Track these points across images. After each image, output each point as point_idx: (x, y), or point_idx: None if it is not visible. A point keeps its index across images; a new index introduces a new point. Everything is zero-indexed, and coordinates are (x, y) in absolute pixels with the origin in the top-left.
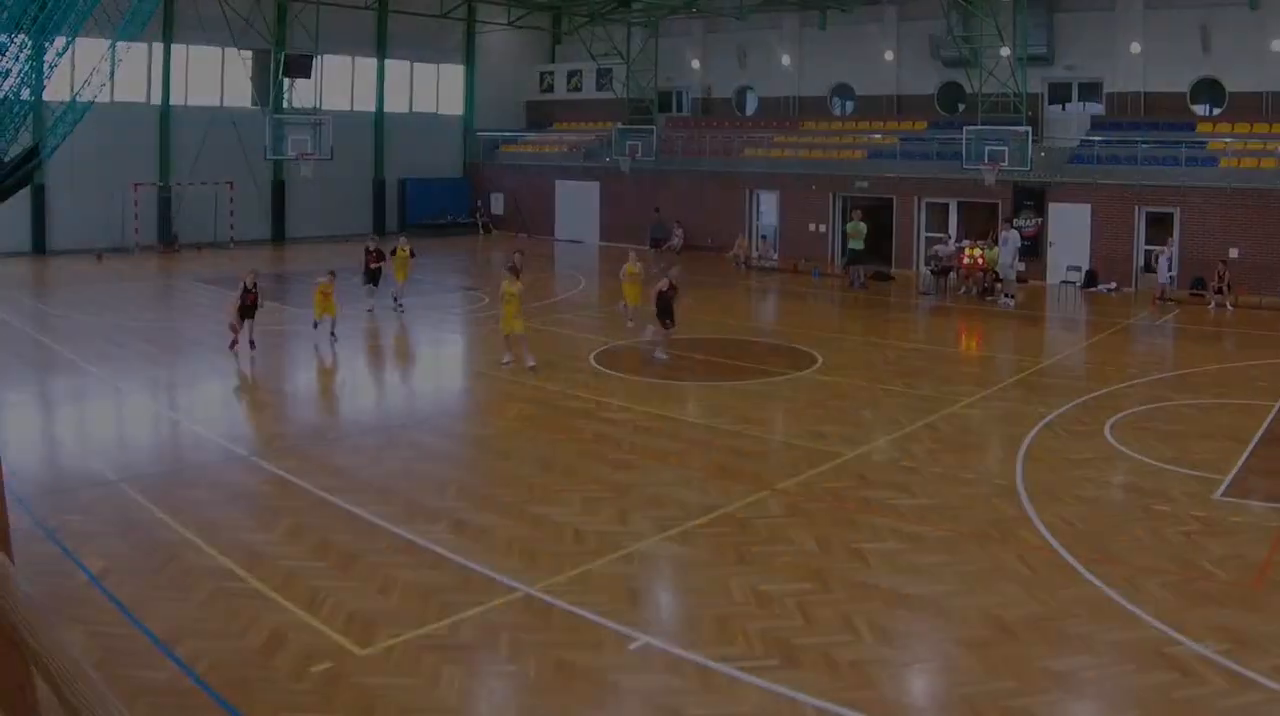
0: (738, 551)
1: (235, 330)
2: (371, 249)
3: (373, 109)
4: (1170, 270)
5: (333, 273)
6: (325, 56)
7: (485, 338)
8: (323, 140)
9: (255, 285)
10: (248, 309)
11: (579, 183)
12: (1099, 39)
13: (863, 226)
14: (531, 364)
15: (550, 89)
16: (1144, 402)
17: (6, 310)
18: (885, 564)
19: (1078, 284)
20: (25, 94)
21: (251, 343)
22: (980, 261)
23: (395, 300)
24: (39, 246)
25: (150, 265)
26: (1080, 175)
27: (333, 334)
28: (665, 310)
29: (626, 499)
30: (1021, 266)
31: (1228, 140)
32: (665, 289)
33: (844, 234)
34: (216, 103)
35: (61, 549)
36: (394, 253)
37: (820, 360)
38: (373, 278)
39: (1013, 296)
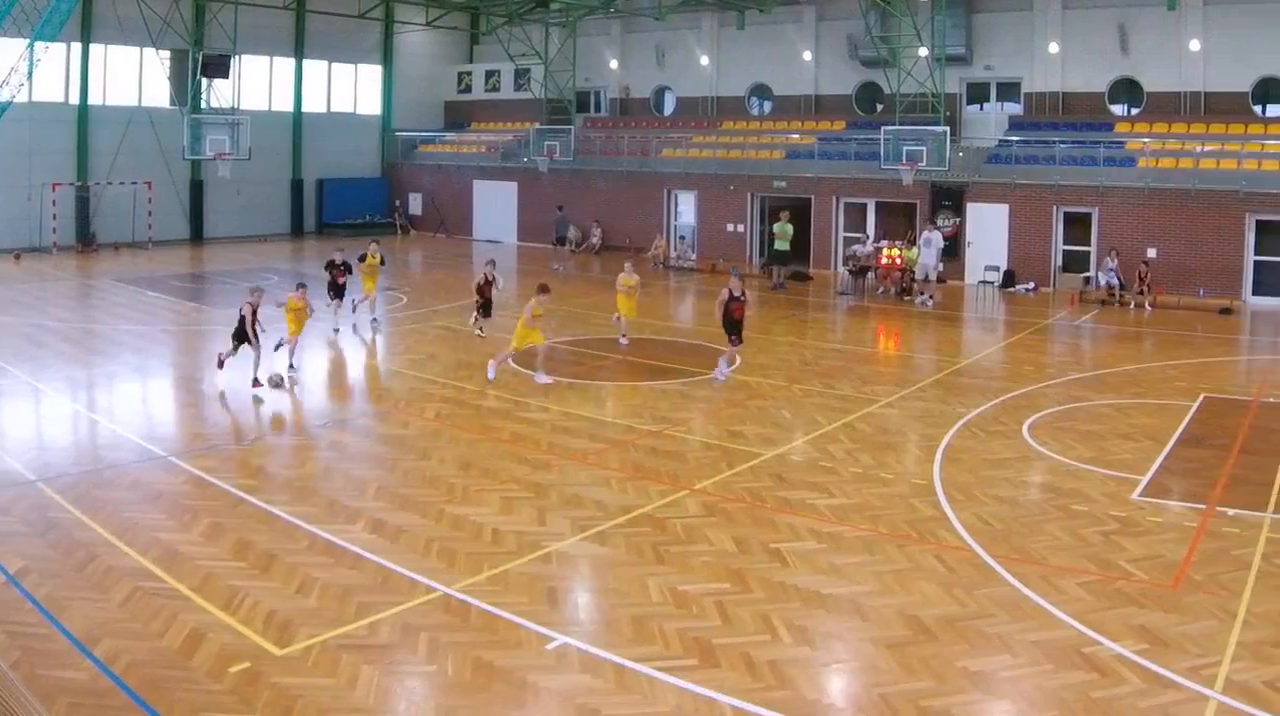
0: (656, 551)
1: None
2: (338, 262)
3: (291, 109)
4: (1106, 276)
5: (303, 285)
6: (243, 57)
7: (404, 337)
8: (241, 140)
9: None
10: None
11: (497, 183)
12: (1017, 39)
13: (789, 228)
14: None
15: (468, 89)
16: (1062, 403)
17: None
18: (803, 564)
19: (996, 284)
20: None
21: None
22: (898, 261)
23: (372, 318)
24: None
25: (69, 265)
26: (998, 175)
27: (291, 366)
28: (732, 325)
29: (545, 499)
30: (941, 267)
31: (1146, 140)
32: (730, 298)
33: (769, 234)
34: (135, 103)
35: None
36: (362, 259)
37: (738, 360)
38: (338, 292)
39: (932, 296)
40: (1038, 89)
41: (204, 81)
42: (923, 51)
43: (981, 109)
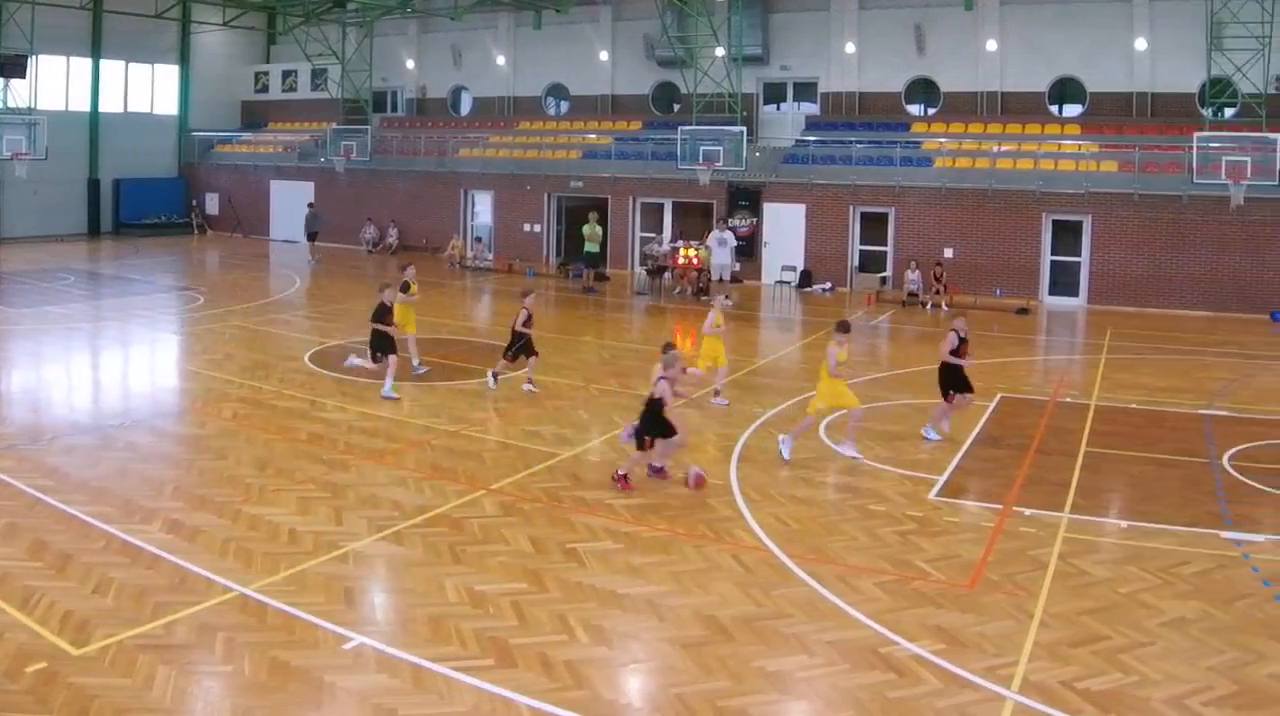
0: (453, 551)
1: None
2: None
3: (88, 109)
4: (908, 287)
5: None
6: (40, 56)
7: (201, 337)
8: (37, 140)
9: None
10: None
11: (294, 183)
12: (814, 39)
13: (599, 229)
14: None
15: (265, 89)
16: (859, 403)
17: None
18: (600, 564)
19: (793, 284)
20: None
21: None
22: (695, 261)
23: (416, 366)
24: None
25: None
26: (795, 175)
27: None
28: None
29: (342, 499)
30: (736, 266)
31: (942, 140)
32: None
33: (580, 235)
34: None
35: None
36: (406, 289)
37: (535, 360)
38: (387, 346)
39: (728, 296)
40: (834, 89)
41: (1, 82)
42: (719, 51)
43: (778, 109)
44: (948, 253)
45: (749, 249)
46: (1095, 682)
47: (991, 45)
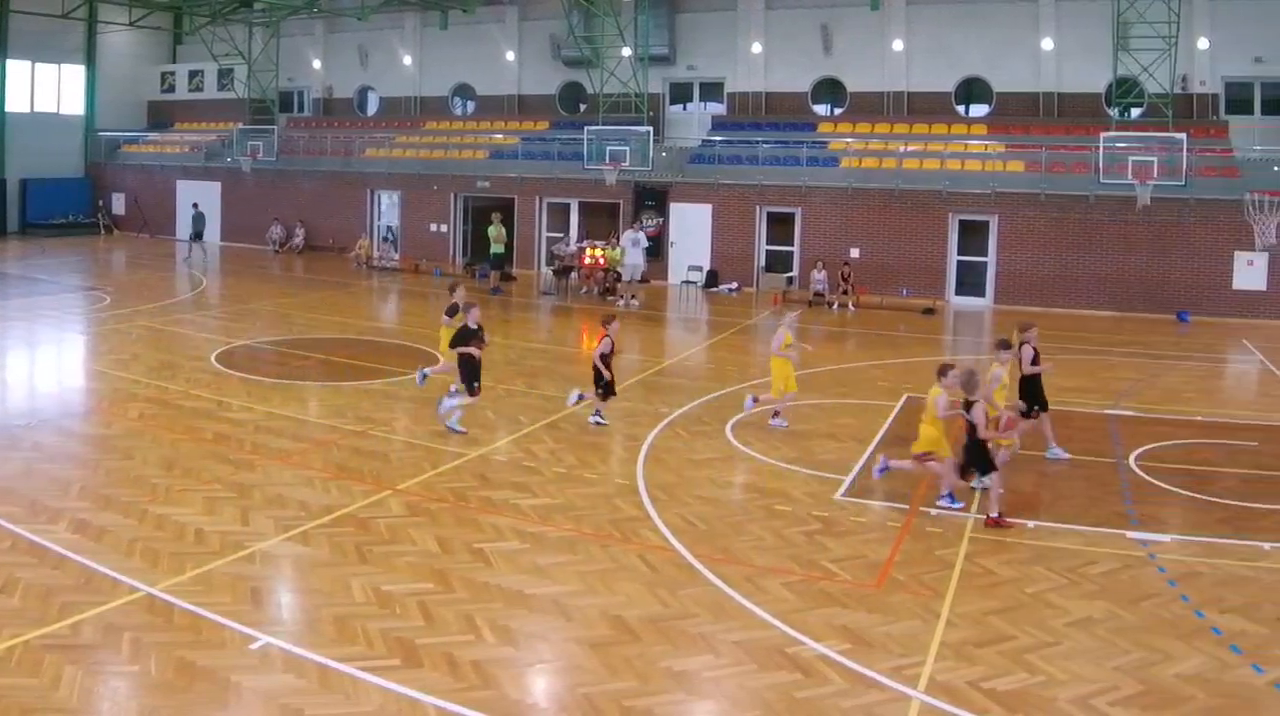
0: (359, 551)
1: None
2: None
3: None
4: (815, 287)
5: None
6: None
7: (108, 337)
8: None
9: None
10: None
11: (200, 183)
12: (720, 39)
13: (503, 229)
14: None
15: (172, 89)
16: (765, 404)
17: None
18: (507, 564)
19: (699, 284)
20: None
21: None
22: (601, 261)
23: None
24: None
25: None
26: (701, 175)
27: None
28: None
29: (248, 499)
30: (644, 266)
31: (848, 140)
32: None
33: (485, 237)
34: None
35: None
36: (454, 314)
37: (442, 360)
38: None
39: (635, 296)
40: (741, 89)
41: None
42: (626, 51)
43: (685, 109)
44: (854, 252)
45: (655, 249)
46: (1001, 682)
47: (898, 45)
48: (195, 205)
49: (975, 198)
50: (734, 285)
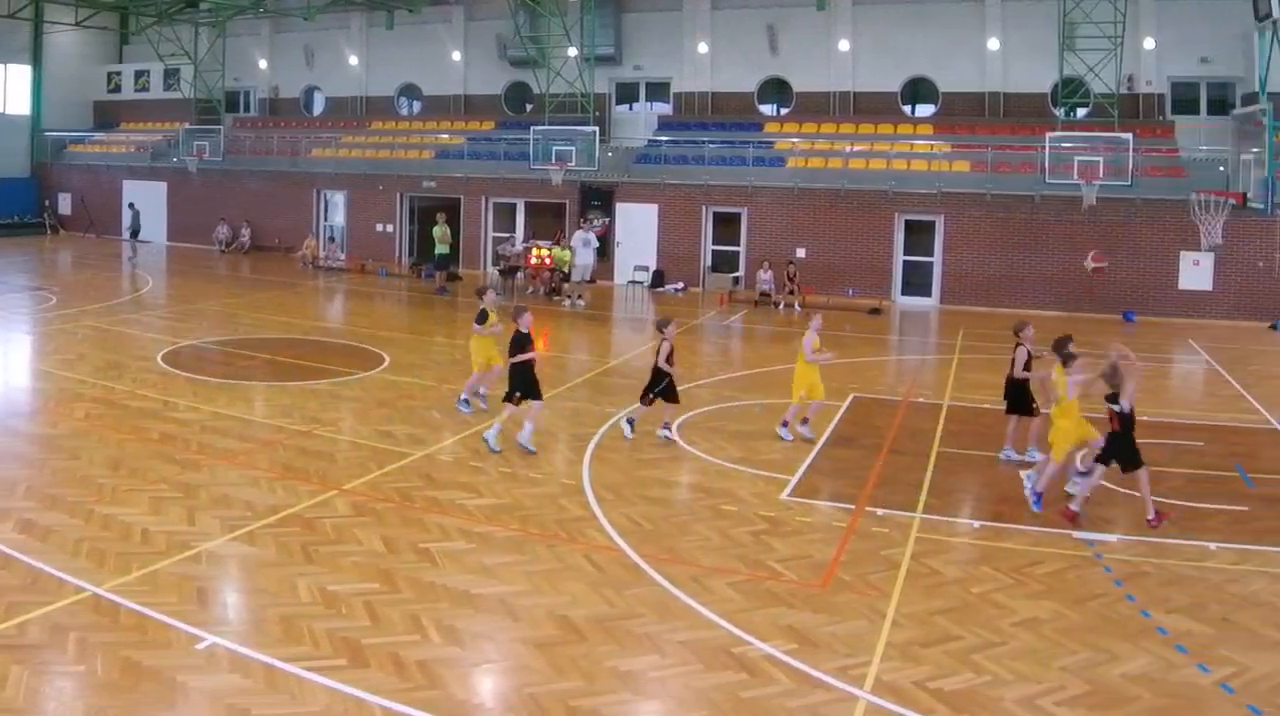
0: (305, 551)
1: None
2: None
3: None
4: (760, 286)
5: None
6: None
7: (54, 337)
8: None
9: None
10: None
11: (147, 183)
12: (666, 39)
13: (448, 230)
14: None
15: (118, 89)
16: (712, 403)
17: None
18: (453, 564)
19: (645, 284)
20: None
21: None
22: (547, 261)
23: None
24: None
25: None
26: (647, 175)
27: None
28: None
29: (194, 499)
30: (595, 267)
31: (795, 140)
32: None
33: (430, 237)
34: None
35: None
36: (483, 320)
37: (388, 360)
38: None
39: (581, 296)
40: (687, 89)
41: None
42: (572, 51)
43: (631, 109)
44: (800, 253)
45: (602, 249)
46: (948, 682)
47: (844, 45)
48: (131, 205)
49: (921, 198)
50: (680, 285)
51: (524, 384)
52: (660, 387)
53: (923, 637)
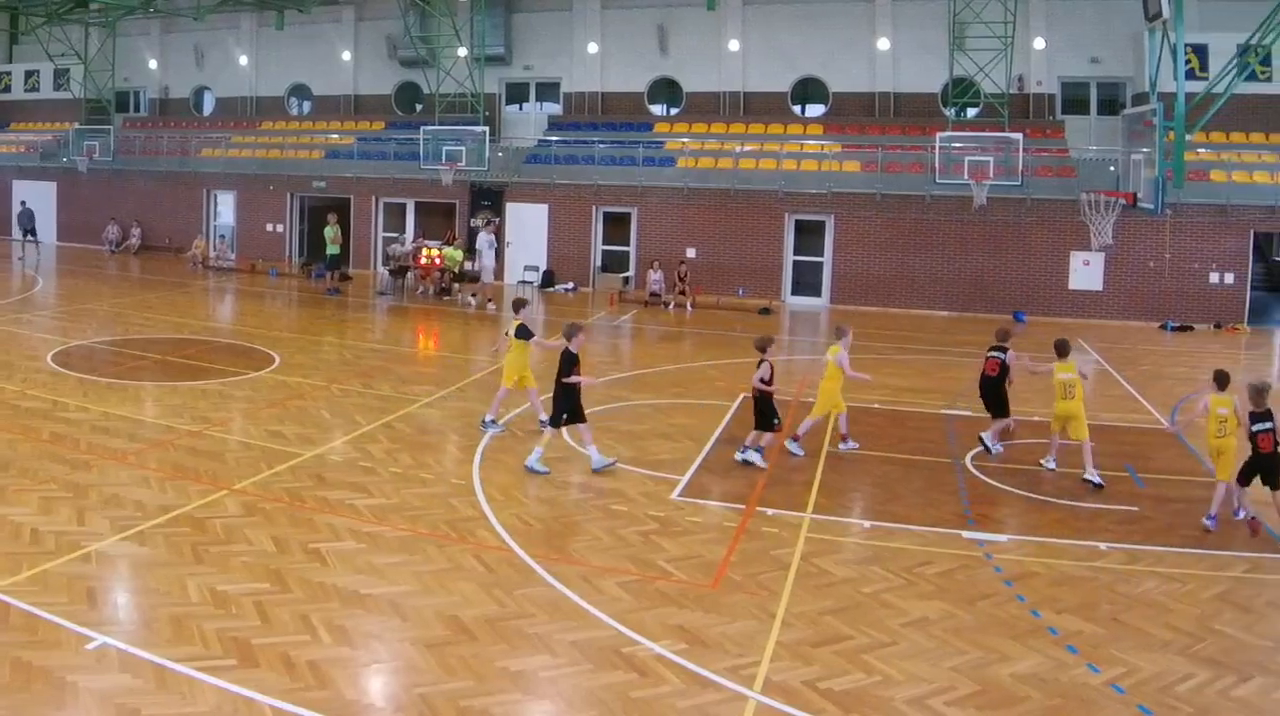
0: (195, 551)
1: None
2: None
3: None
4: (651, 287)
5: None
6: None
7: None
8: None
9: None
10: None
11: (36, 183)
12: (556, 39)
13: (339, 230)
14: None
15: (8, 89)
16: (603, 402)
17: None
18: (343, 564)
19: (535, 284)
20: None
21: None
22: (437, 261)
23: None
24: None
25: None
26: (537, 175)
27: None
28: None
29: (84, 499)
30: (478, 266)
31: (685, 140)
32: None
33: (322, 238)
34: None
35: None
36: (525, 335)
37: (278, 360)
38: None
39: (476, 294)
40: (577, 89)
41: None
42: (462, 52)
43: (521, 109)
44: (690, 253)
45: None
46: (838, 682)
47: (734, 45)
48: (23, 203)
49: (811, 198)
50: (570, 285)
51: (572, 406)
52: (774, 411)
53: (813, 637)
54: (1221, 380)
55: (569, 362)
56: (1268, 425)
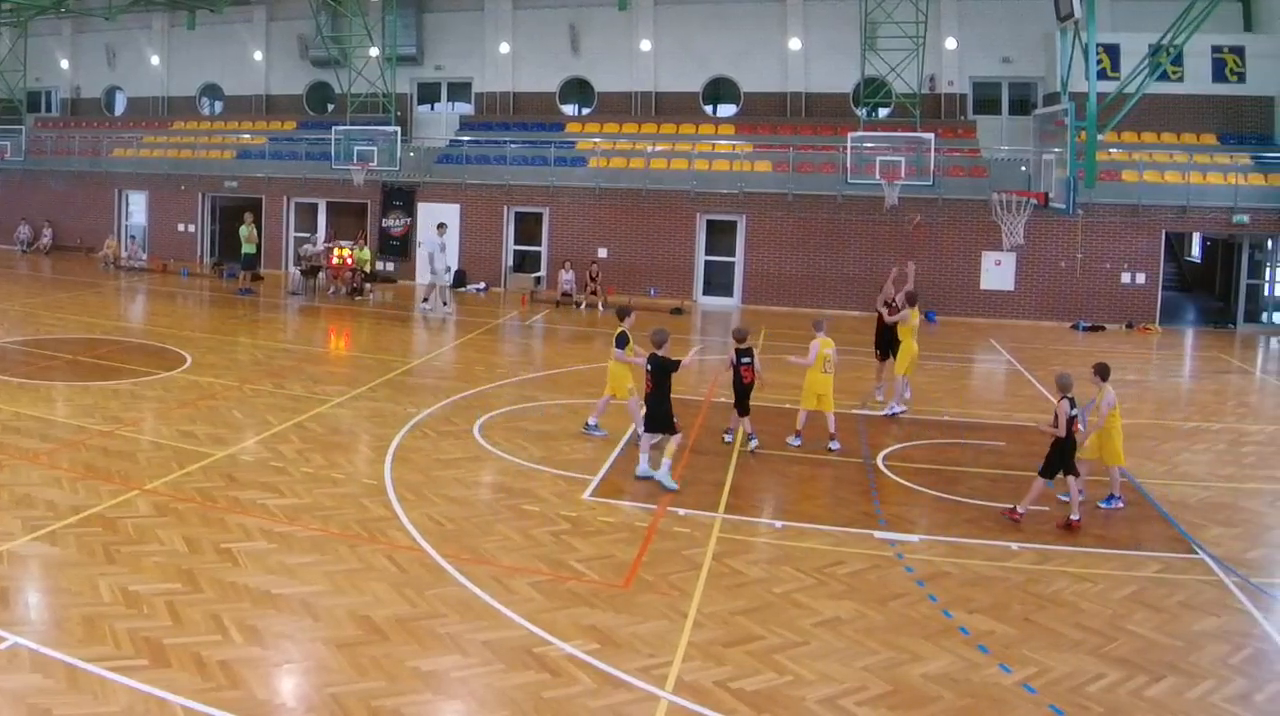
0: (107, 551)
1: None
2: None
3: None
4: (563, 287)
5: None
6: None
7: None
8: None
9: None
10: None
11: None
12: (468, 39)
13: (254, 230)
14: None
15: None
16: (514, 403)
17: None
18: (255, 564)
19: (447, 284)
20: None
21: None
22: (349, 261)
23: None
24: None
25: None
26: (449, 175)
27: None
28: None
29: None
30: (392, 267)
31: (596, 140)
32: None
33: (238, 237)
34: None
35: None
36: (624, 344)
37: (190, 360)
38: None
39: (429, 300)
40: (489, 89)
41: None
42: (373, 51)
43: (432, 109)
44: (602, 253)
45: (402, 249)
46: (749, 682)
47: (645, 45)
48: None
49: (723, 198)
50: (482, 285)
51: (665, 414)
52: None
53: (725, 637)
54: (1103, 372)
55: (662, 369)
56: (1074, 412)
